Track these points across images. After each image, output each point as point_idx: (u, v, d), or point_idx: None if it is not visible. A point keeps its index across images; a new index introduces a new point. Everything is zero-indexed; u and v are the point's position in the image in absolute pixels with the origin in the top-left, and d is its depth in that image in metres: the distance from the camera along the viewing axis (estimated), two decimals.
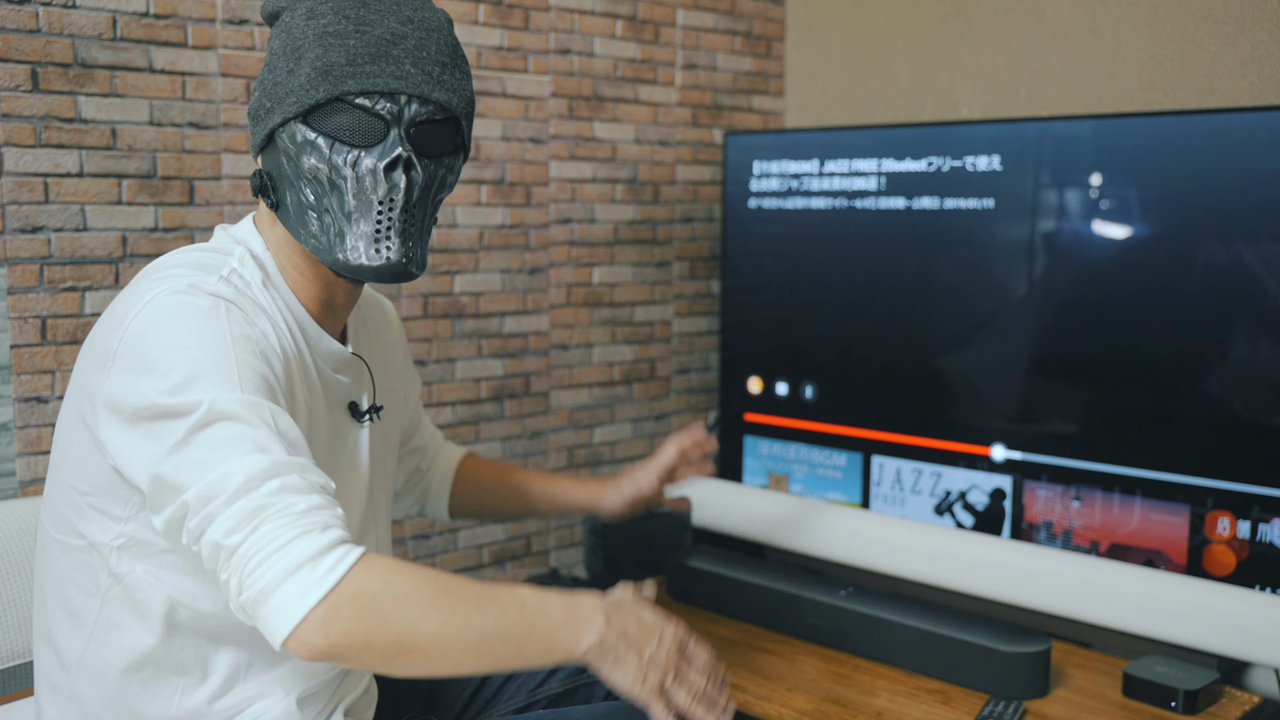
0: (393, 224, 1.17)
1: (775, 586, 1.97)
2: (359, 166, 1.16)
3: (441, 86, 1.19)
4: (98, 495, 1.17)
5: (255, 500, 1.02)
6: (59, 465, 1.21)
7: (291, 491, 1.04)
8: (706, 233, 2.59)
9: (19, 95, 1.66)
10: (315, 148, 1.16)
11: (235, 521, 1.02)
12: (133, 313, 1.12)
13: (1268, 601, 1.73)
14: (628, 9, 2.39)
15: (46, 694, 1.25)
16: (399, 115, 1.17)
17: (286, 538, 1.02)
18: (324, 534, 1.03)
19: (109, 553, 1.17)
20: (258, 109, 1.21)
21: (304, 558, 1.01)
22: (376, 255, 1.18)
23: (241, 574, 1.02)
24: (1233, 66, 2.04)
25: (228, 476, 1.03)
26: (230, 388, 1.07)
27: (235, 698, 1.21)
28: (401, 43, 1.17)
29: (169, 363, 1.08)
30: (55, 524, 1.22)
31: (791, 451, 2.41)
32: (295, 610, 1.01)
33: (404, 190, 1.17)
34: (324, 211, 1.18)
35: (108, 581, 1.18)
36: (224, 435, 1.05)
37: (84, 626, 1.20)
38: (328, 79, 1.15)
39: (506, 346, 2.27)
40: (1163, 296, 1.90)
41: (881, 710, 1.69)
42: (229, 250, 1.22)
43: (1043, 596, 1.90)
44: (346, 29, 1.16)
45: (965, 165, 2.11)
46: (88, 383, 1.15)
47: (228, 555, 1.03)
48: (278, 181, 1.21)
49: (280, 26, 1.21)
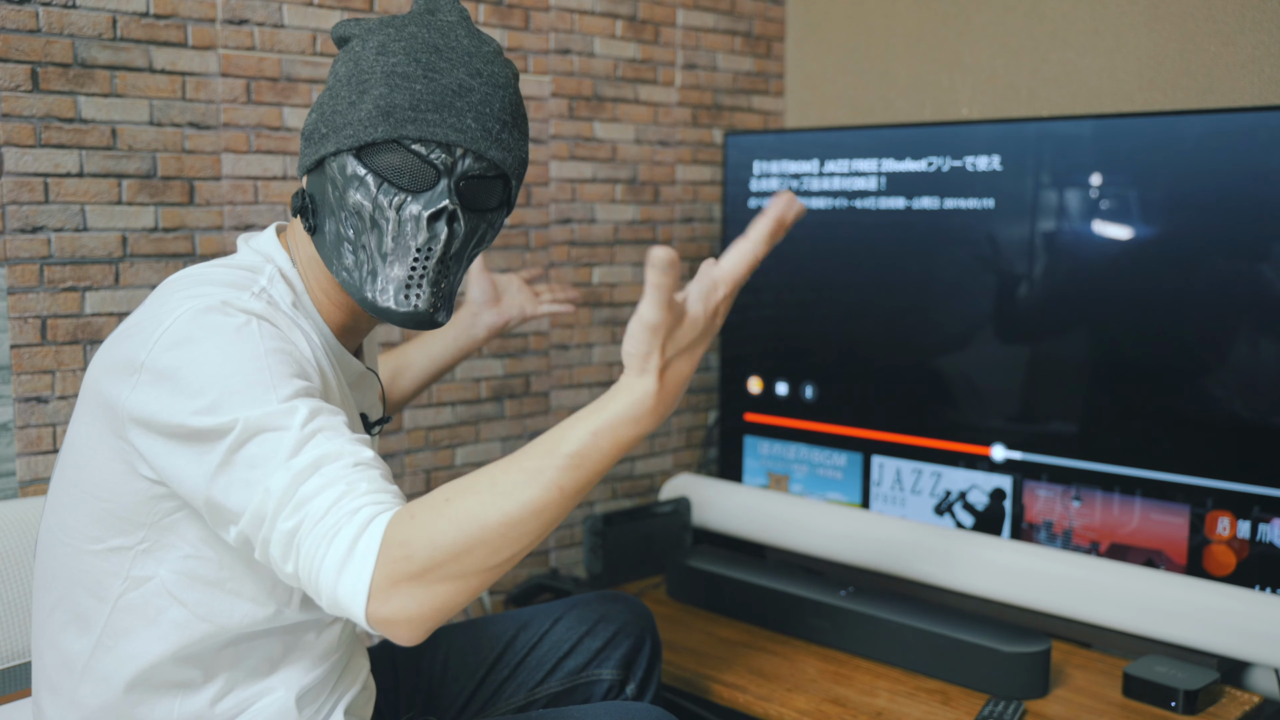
0: (426, 273, 1.17)
1: (775, 586, 1.98)
2: (403, 210, 1.16)
3: (499, 145, 1.18)
4: (119, 503, 1.16)
5: (287, 521, 1.02)
6: (75, 473, 1.19)
7: (312, 497, 1.03)
8: (706, 233, 2.59)
9: (19, 95, 1.66)
10: (363, 184, 1.16)
11: (281, 549, 1.03)
12: (163, 326, 1.10)
13: (1268, 601, 1.73)
14: (628, 9, 2.39)
15: (46, 695, 1.25)
16: (451, 167, 1.16)
17: (323, 550, 1.01)
18: (351, 522, 1.01)
19: (131, 557, 1.17)
20: (313, 132, 1.20)
21: (339, 561, 1.00)
22: (405, 302, 1.18)
23: (313, 592, 1.03)
24: (1233, 66, 2.04)
25: (266, 497, 1.03)
26: (264, 401, 1.06)
27: (236, 699, 1.21)
28: (467, 96, 1.16)
29: (201, 382, 1.07)
30: (66, 528, 1.20)
31: (791, 451, 2.41)
32: (358, 613, 1.00)
33: (444, 242, 1.17)
34: (360, 248, 1.18)
35: (121, 587, 1.18)
36: (261, 450, 1.05)
37: (91, 631, 1.20)
38: (388, 120, 1.14)
39: (506, 346, 2.27)
40: (1163, 296, 1.90)
41: (881, 710, 1.69)
42: (258, 268, 1.22)
43: (1043, 596, 1.90)
44: (415, 72, 1.15)
45: (965, 165, 2.11)
46: (108, 392, 1.13)
47: (294, 580, 1.04)
48: (319, 206, 1.21)
49: (348, 53, 1.20)
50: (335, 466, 1.04)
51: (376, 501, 1.02)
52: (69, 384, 1.73)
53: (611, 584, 2.20)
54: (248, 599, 1.19)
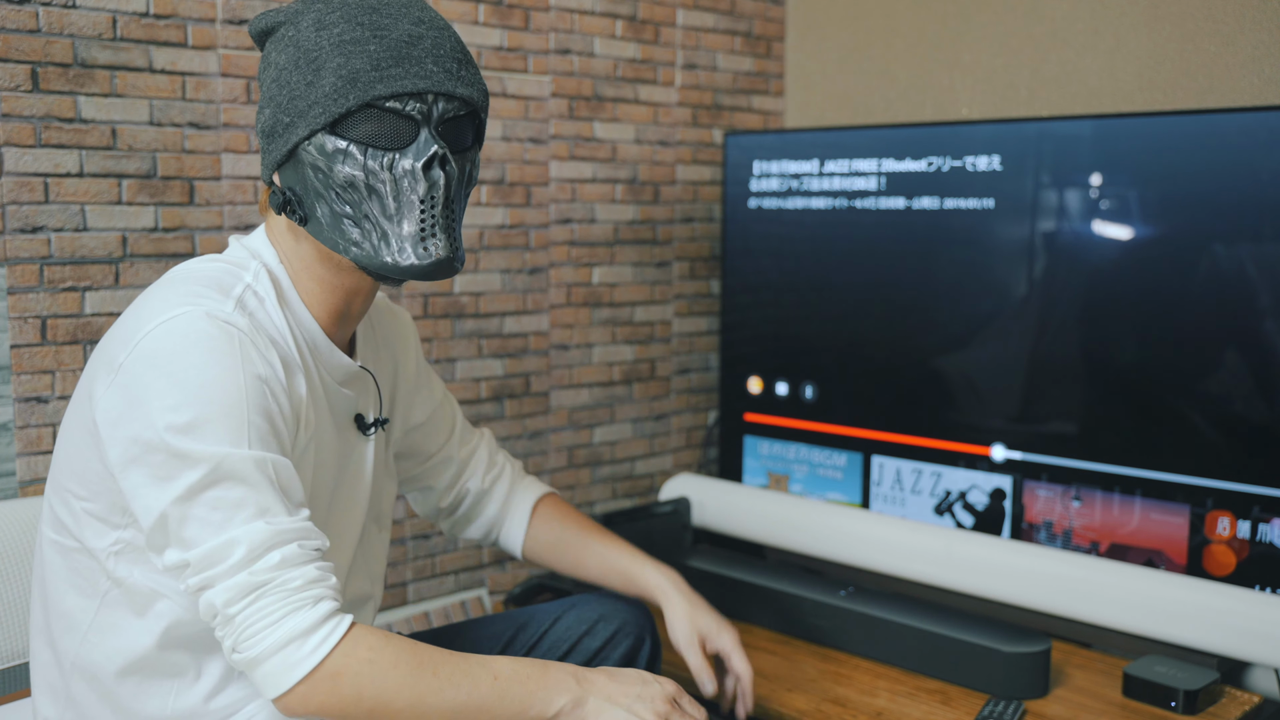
0: (437, 221, 1.18)
1: (775, 586, 1.98)
2: (396, 169, 1.16)
3: (463, 82, 1.20)
4: (94, 501, 1.17)
5: (256, 576, 1.08)
6: (60, 470, 1.21)
7: (291, 565, 1.10)
8: (706, 233, 2.59)
9: (19, 95, 1.66)
10: (348, 156, 1.16)
11: (234, 593, 1.08)
12: (144, 330, 1.11)
13: (1268, 601, 1.73)
14: (628, 9, 2.39)
15: (43, 694, 1.25)
16: (428, 114, 1.17)
17: (281, 613, 1.08)
18: (315, 608, 1.10)
19: (105, 558, 1.18)
20: (274, 126, 1.19)
21: (294, 634, 1.08)
22: (426, 254, 1.18)
23: (236, 639, 1.09)
24: (1233, 66, 2.04)
25: (232, 544, 1.08)
26: (238, 441, 1.10)
27: (230, 696, 1.21)
28: (420, 43, 1.17)
29: (179, 395, 1.09)
30: (53, 526, 1.22)
31: (791, 451, 2.41)
32: (282, 682, 1.09)
33: (444, 186, 1.18)
34: (364, 218, 1.18)
35: (106, 584, 1.19)
36: (229, 497, 1.09)
37: (79, 628, 1.20)
38: (355, 86, 1.15)
39: (506, 346, 2.27)
40: (1163, 296, 1.90)
41: (881, 710, 1.69)
42: (244, 264, 1.22)
43: (1043, 596, 1.89)
44: (364, 35, 1.16)
45: (965, 165, 2.11)
46: (91, 389, 1.16)
47: (225, 620, 1.09)
48: (304, 195, 1.20)
49: (281, 41, 1.19)
50: (310, 544, 1.12)
51: (338, 602, 1.13)
52: (69, 384, 1.73)
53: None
54: None
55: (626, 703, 1.19)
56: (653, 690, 1.21)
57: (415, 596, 2.18)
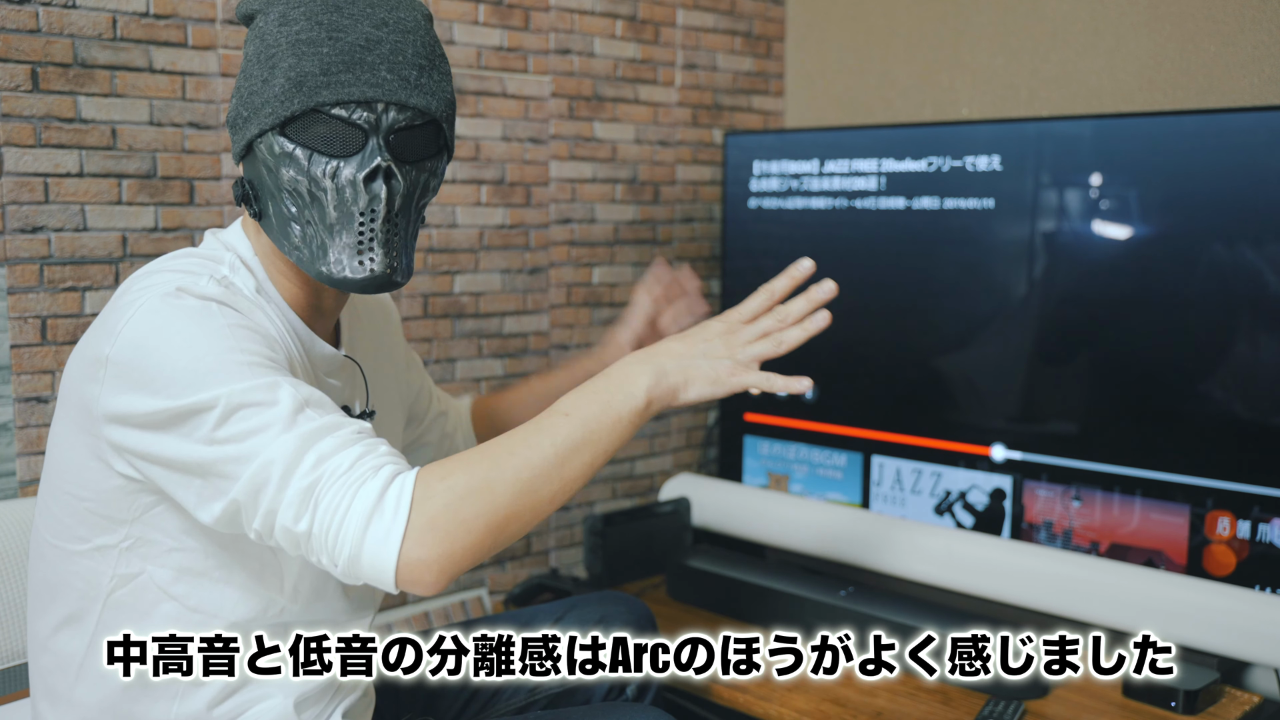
0: (375, 235, 1.15)
1: (775, 586, 1.98)
2: (338, 178, 1.14)
3: (419, 91, 1.16)
4: (99, 501, 1.16)
5: (304, 479, 1.04)
6: (56, 474, 1.20)
7: (330, 455, 1.05)
8: (706, 233, 2.59)
9: (19, 95, 1.66)
10: (294, 159, 1.14)
11: (296, 507, 1.04)
12: (124, 319, 1.11)
13: (1268, 601, 1.73)
14: (628, 9, 2.39)
15: (44, 698, 1.25)
16: (376, 124, 1.14)
17: (347, 500, 1.03)
18: (376, 476, 1.04)
19: (116, 555, 1.17)
20: (235, 118, 1.19)
21: (368, 508, 1.03)
22: (360, 268, 1.16)
23: (329, 551, 1.04)
24: (1233, 66, 2.04)
25: (268, 465, 1.04)
26: (240, 376, 1.07)
27: (234, 702, 1.21)
28: (376, 48, 1.14)
29: (171, 370, 1.07)
30: (53, 530, 1.21)
31: (791, 451, 2.41)
32: (387, 560, 1.03)
33: (385, 200, 1.15)
34: (306, 223, 1.16)
35: (110, 585, 1.18)
36: (248, 425, 1.05)
37: (84, 632, 1.20)
38: (302, 90, 1.12)
39: (506, 346, 2.27)
40: (1163, 296, 1.90)
41: (881, 710, 1.69)
42: (219, 258, 1.21)
43: (1043, 596, 1.89)
44: (319, 36, 1.13)
45: (965, 165, 2.11)
46: (80, 391, 1.14)
47: (305, 539, 1.05)
48: (259, 191, 1.19)
49: (255, 30, 1.18)
50: (345, 431, 1.07)
51: (396, 462, 1.06)
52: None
53: (611, 584, 2.19)
54: (238, 586, 1.19)
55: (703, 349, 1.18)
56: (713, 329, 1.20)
57: (415, 596, 2.18)
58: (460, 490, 1.05)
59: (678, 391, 1.17)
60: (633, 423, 1.14)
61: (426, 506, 1.04)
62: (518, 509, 1.07)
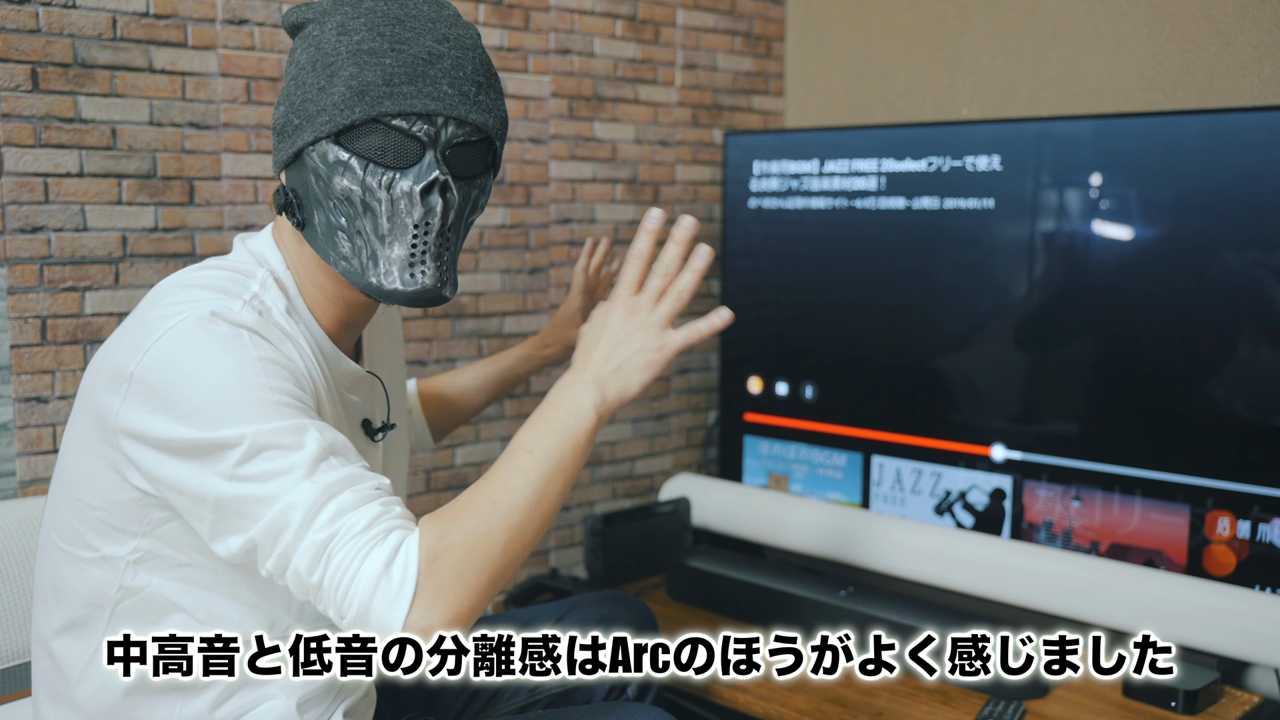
0: (428, 248, 1.15)
1: (775, 586, 1.98)
2: (394, 189, 1.13)
3: (478, 108, 1.16)
4: (111, 511, 1.15)
5: (320, 533, 1.05)
6: (69, 479, 1.19)
7: (348, 511, 1.06)
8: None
9: (19, 95, 1.66)
10: (348, 169, 1.13)
11: (310, 558, 1.05)
12: (153, 337, 1.09)
13: (1268, 601, 1.73)
14: (628, 9, 2.39)
15: (46, 700, 1.25)
16: (435, 137, 1.14)
17: (357, 562, 1.04)
18: (386, 542, 1.05)
19: (124, 566, 1.16)
20: (285, 125, 1.17)
21: (376, 575, 1.04)
22: (411, 280, 1.15)
23: (336, 605, 1.05)
24: (1233, 66, 2.04)
25: (288, 510, 1.05)
26: (269, 415, 1.07)
27: (237, 704, 1.21)
28: (438, 62, 1.14)
29: (199, 399, 1.07)
30: (63, 535, 1.20)
31: (791, 451, 2.41)
32: (393, 624, 1.04)
33: (440, 214, 1.14)
34: (355, 234, 1.15)
35: (118, 594, 1.18)
36: (272, 466, 1.06)
37: (90, 637, 1.19)
38: (364, 99, 1.12)
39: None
40: (1163, 296, 1.90)
41: (881, 710, 1.69)
42: (251, 272, 1.19)
43: (1043, 596, 1.90)
44: (382, 47, 1.12)
45: (965, 165, 2.11)
46: (99, 401, 1.13)
47: (316, 590, 1.06)
48: (304, 200, 1.18)
49: (307, 39, 1.17)
50: (365, 486, 1.08)
51: (406, 526, 1.07)
52: (69, 384, 1.73)
53: (611, 584, 2.20)
54: (245, 603, 1.18)
55: (621, 339, 1.17)
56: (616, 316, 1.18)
57: None
58: (460, 552, 1.06)
59: (622, 394, 1.17)
60: (590, 441, 1.15)
61: (432, 574, 1.05)
62: (511, 555, 1.10)
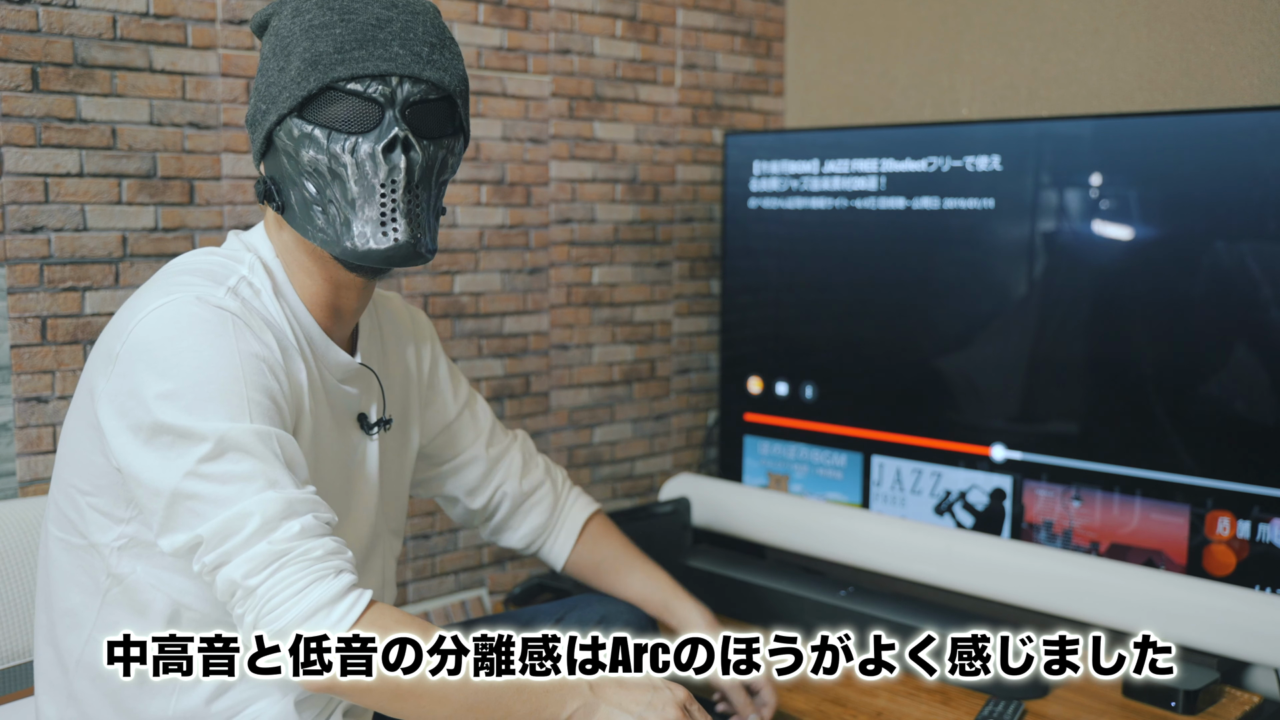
0: (397, 205, 1.17)
1: (775, 586, 1.98)
2: (358, 152, 1.16)
3: (432, 65, 1.19)
4: (98, 495, 1.17)
5: (276, 545, 1.07)
6: (63, 464, 1.22)
7: (310, 535, 1.09)
8: (706, 233, 2.59)
9: (19, 95, 1.66)
10: (313, 139, 1.16)
11: (254, 564, 1.07)
12: (137, 319, 1.12)
13: (1268, 601, 1.73)
14: (628, 9, 2.39)
15: (46, 693, 1.25)
16: (392, 97, 1.16)
17: (304, 583, 1.07)
18: (337, 579, 1.09)
19: (109, 553, 1.18)
20: (254, 114, 1.21)
21: (319, 604, 1.07)
22: (384, 238, 1.17)
23: (259, 612, 1.07)
24: (1233, 66, 2.04)
25: (245, 516, 1.07)
26: (240, 415, 1.09)
27: (232, 699, 1.21)
28: (387, 26, 1.17)
29: (176, 378, 1.09)
30: (58, 523, 1.22)
31: (791, 451, 2.41)
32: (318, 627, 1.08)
33: (405, 170, 1.17)
34: (328, 203, 1.18)
35: (107, 581, 1.19)
36: (236, 470, 1.08)
37: (83, 626, 1.20)
38: (317, 69, 1.15)
39: (506, 346, 2.27)
40: (1163, 296, 1.90)
41: (881, 710, 1.69)
42: (239, 258, 1.22)
43: (1043, 596, 1.89)
44: (332, 20, 1.16)
45: (965, 165, 2.11)
46: (92, 383, 1.16)
47: (245, 594, 1.07)
48: (281, 183, 1.21)
49: (270, 33, 1.22)
50: (326, 514, 1.12)
51: (356, 574, 1.12)
52: (69, 384, 1.73)
53: None
54: None
55: (638, 710, 1.18)
56: (663, 697, 1.20)
57: (415, 596, 2.18)
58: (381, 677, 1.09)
59: None
60: None
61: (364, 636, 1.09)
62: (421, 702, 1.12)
